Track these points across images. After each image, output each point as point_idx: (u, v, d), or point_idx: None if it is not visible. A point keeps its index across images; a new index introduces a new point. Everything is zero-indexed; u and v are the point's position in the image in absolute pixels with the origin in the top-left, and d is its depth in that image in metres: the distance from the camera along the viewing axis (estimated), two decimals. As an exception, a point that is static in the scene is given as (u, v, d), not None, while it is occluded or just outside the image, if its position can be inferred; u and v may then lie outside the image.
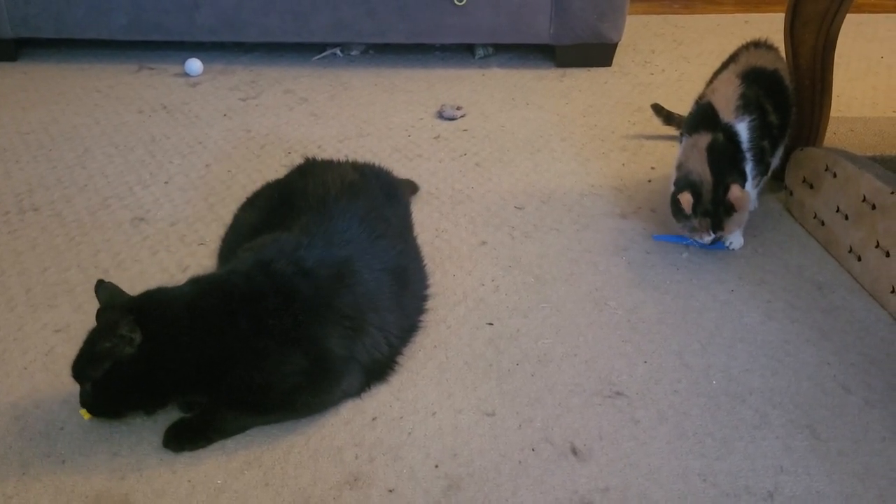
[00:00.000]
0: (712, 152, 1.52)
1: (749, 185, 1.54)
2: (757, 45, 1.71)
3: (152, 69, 2.59)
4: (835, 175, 1.58)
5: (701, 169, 1.51)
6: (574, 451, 1.14)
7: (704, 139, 1.53)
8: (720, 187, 1.49)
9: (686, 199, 1.49)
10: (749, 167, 1.54)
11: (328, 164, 1.51)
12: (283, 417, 1.19)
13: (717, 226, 1.51)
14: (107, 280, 1.19)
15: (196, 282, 1.21)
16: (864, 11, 3.22)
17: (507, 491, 1.08)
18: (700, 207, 1.50)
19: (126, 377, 1.09)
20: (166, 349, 1.10)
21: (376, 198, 1.41)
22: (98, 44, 2.67)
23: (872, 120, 2.18)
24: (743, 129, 1.53)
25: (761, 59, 1.65)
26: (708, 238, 1.53)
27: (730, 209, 1.48)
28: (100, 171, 1.94)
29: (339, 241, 1.26)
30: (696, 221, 1.51)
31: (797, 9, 1.70)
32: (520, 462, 1.12)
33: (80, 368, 1.11)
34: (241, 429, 1.17)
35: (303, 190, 1.39)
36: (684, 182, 1.52)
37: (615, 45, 2.60)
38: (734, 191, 1.47)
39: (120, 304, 1.13)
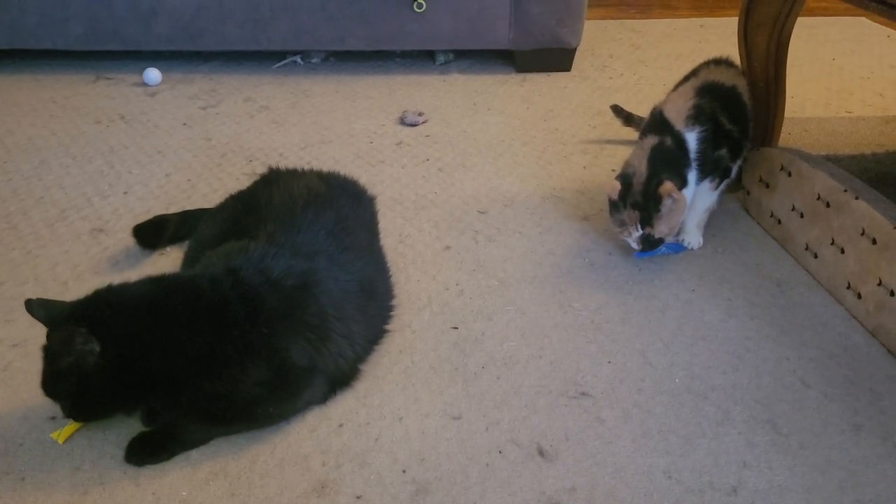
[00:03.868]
0: (655, 151, 1.53)
1: (689, 191, 1.54)
2: (717, 62, 1.74)
3: (109, 79, 2.56)
4: (790, 174, 1.61)
5: (638, 163, 1.53)
6: (541, 452, 1.15)
7: (651, 141, 1.55)
8: (653, 181, 1.49)
9: (613, 185, 1.52)
10: (692, 174, 1.54)
11: (293, 174, 1.48)
12: (246, 428, 1.18)
13: (647, 220, 1.50)
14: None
15: (158, 281, 1.16)
16: (815, 14, 3.29)
17: (475, 494, 1.08)
18: (630, 198, 1.51)
19: (99, 384, 1.07)
20: (127, 353, 1.07)
21: (342, 208, 1.39)
22: (54, 54, 2.63)
23: (826, 120, 2.23)
24: (692, 138, 1.54)
25: (721, 75, 1.67)
26: (636, 233, 1.52)
27: (658, 203, 1.48)
28: (57, 183, 1.90)
29: (306, 251, 1.25)
30: (625, 214, 1.52)
31: (750, 12, 1.73)
32: (487, 464, 1.13)
33: (52, 388, 1.08)
34: (203, 440, 1.16)
35: (268, 200, 1.36)
36: (620, 174, 1.54)
37: (574, 50, 2.62)
38: (665, 184, 1.47)
39: (70, 313, 1.08)
